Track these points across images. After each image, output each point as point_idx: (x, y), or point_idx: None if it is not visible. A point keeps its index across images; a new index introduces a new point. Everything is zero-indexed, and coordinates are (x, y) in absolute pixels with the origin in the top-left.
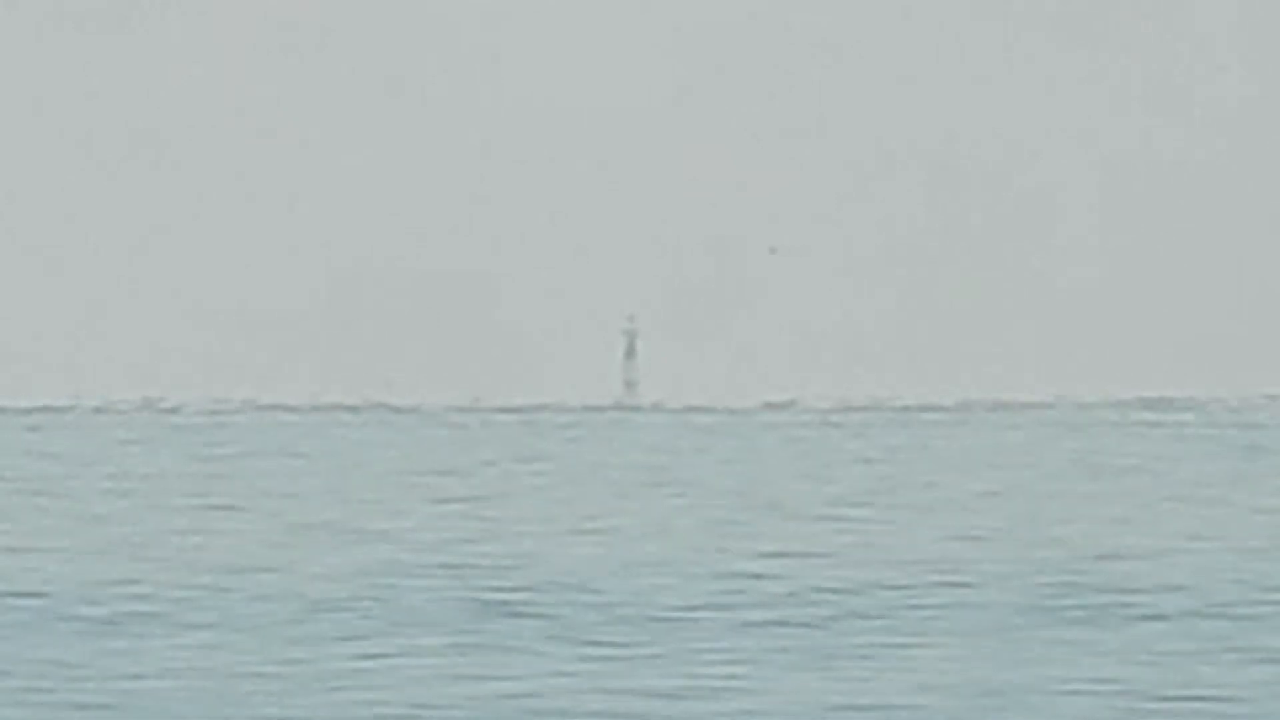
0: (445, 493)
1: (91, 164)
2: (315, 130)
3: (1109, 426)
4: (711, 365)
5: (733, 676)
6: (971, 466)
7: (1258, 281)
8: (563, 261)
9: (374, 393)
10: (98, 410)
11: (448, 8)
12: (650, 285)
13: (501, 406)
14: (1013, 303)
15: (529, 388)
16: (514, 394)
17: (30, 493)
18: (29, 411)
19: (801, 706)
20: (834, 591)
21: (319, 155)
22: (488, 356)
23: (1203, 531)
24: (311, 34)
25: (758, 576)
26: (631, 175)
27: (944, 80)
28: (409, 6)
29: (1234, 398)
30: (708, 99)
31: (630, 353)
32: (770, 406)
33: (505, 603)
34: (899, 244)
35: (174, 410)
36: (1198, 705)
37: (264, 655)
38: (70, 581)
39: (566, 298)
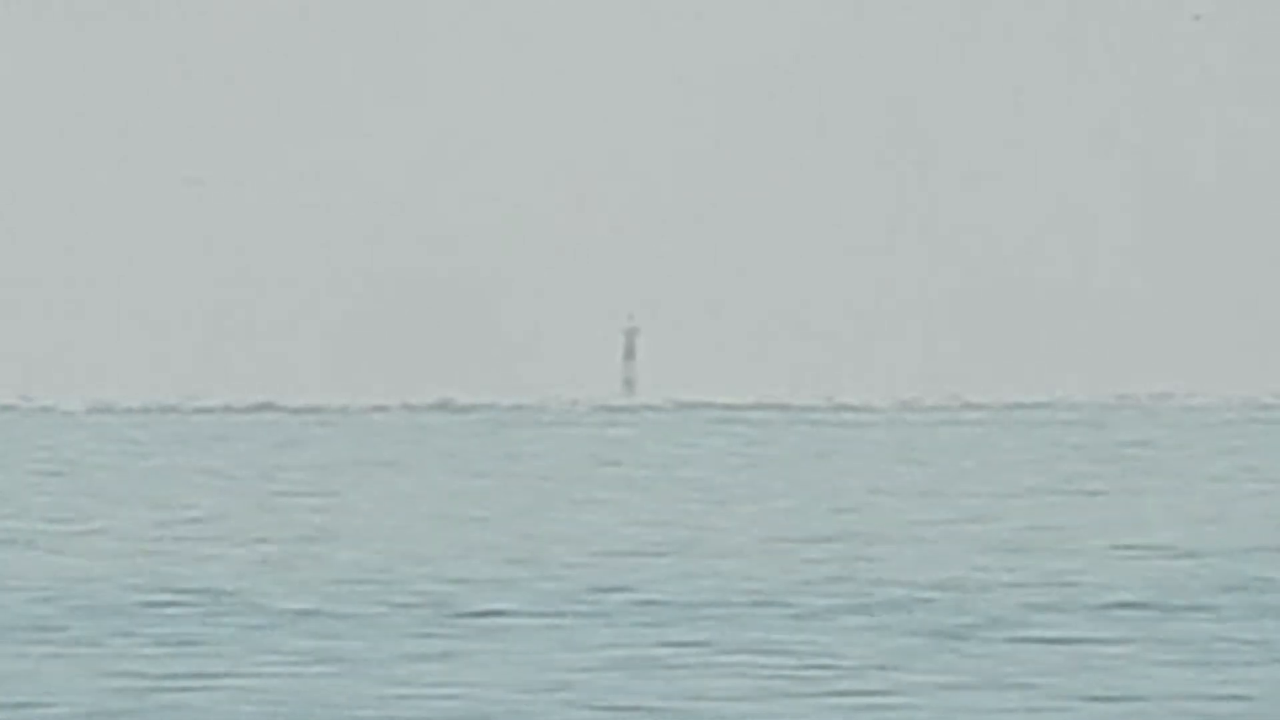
0: (447, 490)
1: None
2: (311, 130)
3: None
4: (711, 365)
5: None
6: (969, 465)
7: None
8: (562, 261)
9: (368, 392)
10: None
11: (448, 9)
12: (650, 285)
13: (501, 405)
14: (1011, 304)
15: (528, 387)
16: (513, 393)
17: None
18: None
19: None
20: (847, 581)
21: (317, 156)
22: (487, 355)
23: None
24: (314, 35)
25: (755, 571)
26: (631, 174)
27: (942, 82)
28: (412, 8)
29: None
30: (707, 98)
31: (630, 352)
32: (769, 406)
33: (507, 595)
34: (900, 245)
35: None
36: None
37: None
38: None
39: (566, 297)
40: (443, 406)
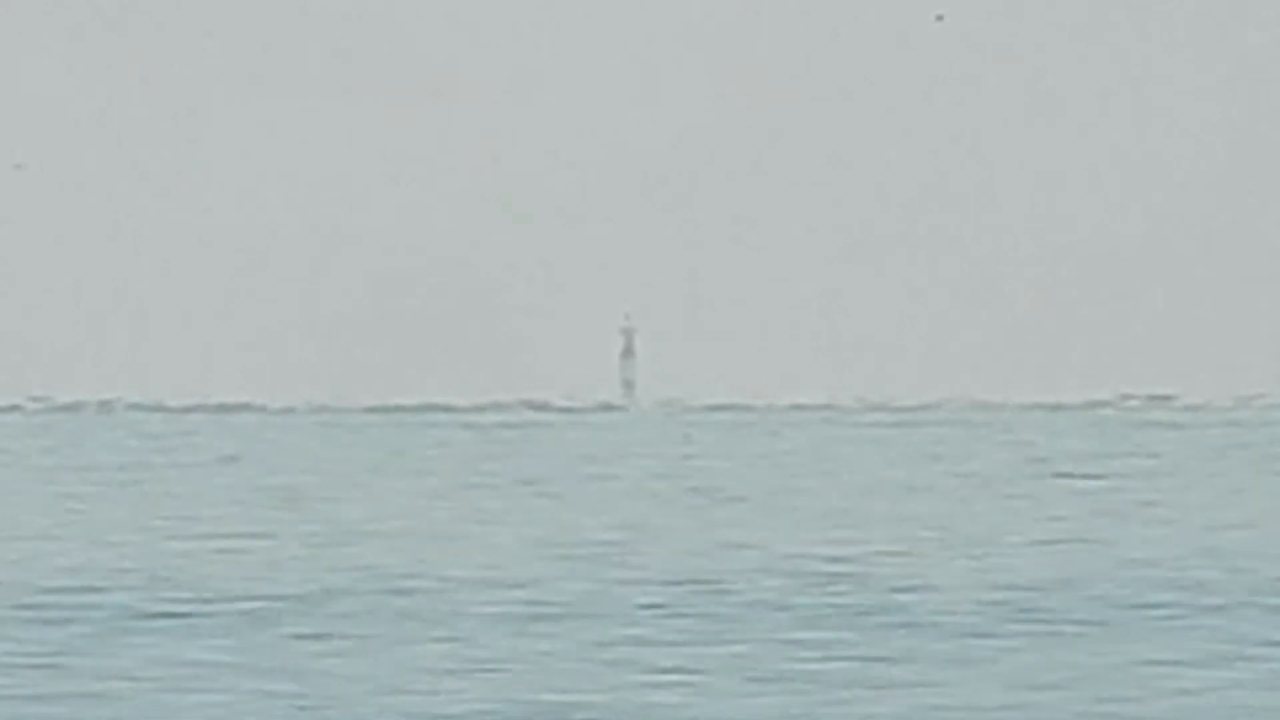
0: (444, 491)
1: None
2: (307, 128)
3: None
4: (710, 365)
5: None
6: (969, 466)
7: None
8: (561, 260)
9: (364, 392)
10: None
11: (446, 6)
12: (648, 285)
13: (498, 405)
14: (1008, 303)
15: (525, 387)
16: (511, 393)
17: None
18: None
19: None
20: (826, 586)
21: (313, 154)
22: (483, 355)
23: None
24: (313, 34)
25: (753, 573)
26: (630, 173)
27: (941, 84)
28: (410, 3)
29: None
30: (708, 97)
31: (628, 352)
32: (769, 406)
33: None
34: (900, 246)
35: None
36: None
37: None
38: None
39: (564, 296)
40: (439, 407)
